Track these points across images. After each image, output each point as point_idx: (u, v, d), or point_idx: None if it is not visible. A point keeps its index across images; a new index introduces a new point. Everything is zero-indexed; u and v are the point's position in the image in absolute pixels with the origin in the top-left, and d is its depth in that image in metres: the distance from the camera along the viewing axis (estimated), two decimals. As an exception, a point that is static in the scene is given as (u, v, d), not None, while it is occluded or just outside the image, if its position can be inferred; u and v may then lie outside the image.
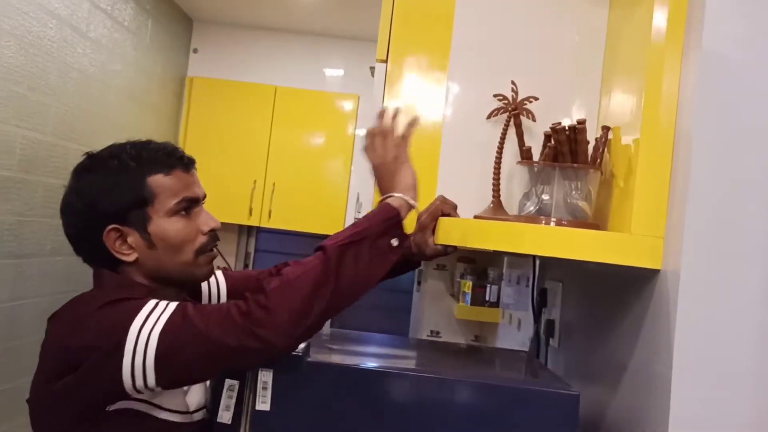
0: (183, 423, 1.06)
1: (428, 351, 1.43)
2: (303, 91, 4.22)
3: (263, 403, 1.05)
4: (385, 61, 1.50)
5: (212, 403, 1.08)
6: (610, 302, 1.32)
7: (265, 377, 1.05)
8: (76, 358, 0.97)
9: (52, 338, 1.04)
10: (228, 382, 1.06)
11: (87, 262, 1.12)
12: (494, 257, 3.22)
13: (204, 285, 1.30)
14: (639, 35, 1.20)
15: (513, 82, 1.34)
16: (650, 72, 1.11)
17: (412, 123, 1.22)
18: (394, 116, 1.22)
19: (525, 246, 1.15)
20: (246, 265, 4.57)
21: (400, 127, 1.21)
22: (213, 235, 1.14)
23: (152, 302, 1.00)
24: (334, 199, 4.15)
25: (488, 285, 3.14)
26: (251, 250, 4.60)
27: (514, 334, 2.48)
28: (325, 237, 1.46)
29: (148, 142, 1.14)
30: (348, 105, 4.24)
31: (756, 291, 0.98)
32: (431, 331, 3.74)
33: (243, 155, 4.17)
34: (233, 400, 1.06)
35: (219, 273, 1.35)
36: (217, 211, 3.92)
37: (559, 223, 1.17)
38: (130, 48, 3.38)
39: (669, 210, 1.08)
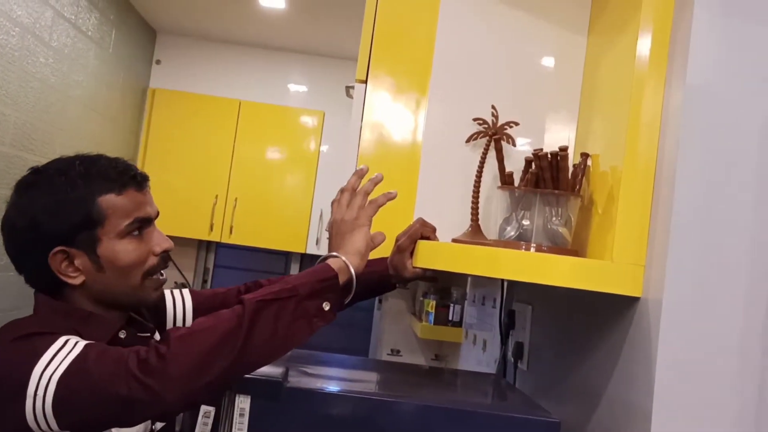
0: None
1: (404, 375, 1.42)
2: (267, 106, 4.19)
3: (240, 431, 1.02)
4: (365, 82, 1.50)
5: (189, 430, 1.04)
6: (585, 327, 1.33)
7: (243, 403, 1.03)
8: None
9: None
10: (204, 408, 1.03)
11: (28, 282, 1.05)
12: (457, 277, 3.23)
13: (169, 304, 1.25)
14: (621, 63, 1.22)
15: (493, 107, 1.35)
16: (633, 101, 1.13)
17: (388, 195, 1.16)
18: (375, 181, 1.17)
19: (504, 271, 1.15)
20: (204, 281, 4.49)
21: (375, 192, 1.17)
22: (165, 256, 1.08)
23: (61, 341, 0.94)
24: (296, 216, 4.12)
25: (451, 304, 3.15)
26: (210, 265, 4.52)
27: (477, 354, 2.48)
28: (287, 254, 1.44)
29: (99, 158, 1.08)
30: (312, 121, 4.23)
31: (739, 321, 1.00)
32: (391, 350, 3.73)
33: (205, 169, 4.11)
34: (209, 427, 1.03)
35: (185, 291, 1.30)
36: (177, 225, 3.87)
37: (539, 249, 1.18)
38: (92, 58, 3.30)
39: (650, 238, 1.09)
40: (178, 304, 1.27)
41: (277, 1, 3.42)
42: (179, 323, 1.26)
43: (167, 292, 1.27)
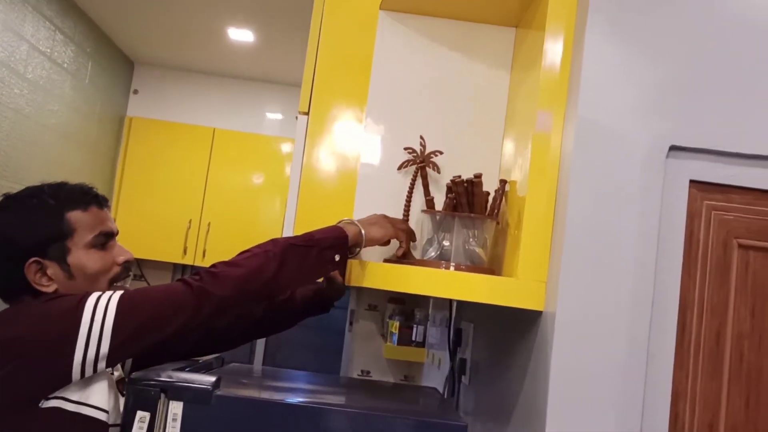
0: (105, 423, 1.12)
1: (336, 386, 1.51)
2: (241, 134, 4.31)
3: (173, 434, 1.11)
4: (307, 113, 1.61)
5: (123, 434, 1.13)
6: (506, 342, 1.43)
7: (175, 409, 1.12)
8: (15, 349, 1.04)
9: None
10: (139, 413, 1.11)
11: (3, 297, 1.18)
12: (422, 299, 3.33)
13: None
14: (529, 98, 1.33)
15: (421, 137, 1.46)
16: (537, 133, 1.24)
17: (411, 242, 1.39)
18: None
19: (423, 288, 1.26)
20: (180, 305, 4.55)
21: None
22: (126, 266, 1.24)
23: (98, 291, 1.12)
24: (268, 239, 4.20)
25: (415, 326, 3.24)
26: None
27: (437, 373, 2.57)
28: None
29: (64, 183, 1.24)
30: (285, 148, 4.34)
31: (622, 334, 1.09)
32: (362, 371, 3.80)
33: (179, 195, 4.21)
34: (144, 431, 1.11)
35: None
36: (152, 248, 3.97)
37: (457, 268, 1.28)
38: (68, 89, 3.42)
39: (551, 257, 1.20)
40: None
41: (245, 35, 3.55)
42: None
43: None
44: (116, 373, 1.26)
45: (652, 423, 1.09)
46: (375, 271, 1.34)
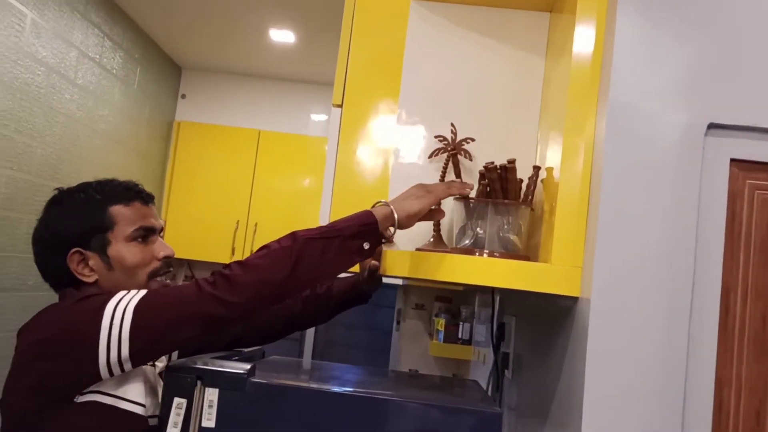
0: (142, 417, 1.14)
1: (373, 377, 1.51)
2: (286, 135, 4.35)
3: (209, 421, 1.13)
4: (341, 106, 1.61)
5: (162, 421, 1.15)
6: (546, 333, 1.41)
7: (211, 395, 1.13)
8: (49, 347, 1.08)
9: (23, 341, 1.13)
10: (176, 400, 1.13)
11: (53, 287, 1.23)
12: (468, 296, 3.30)
13: None
14: (562, 83, 1.31)
15: (452, 125, 1.45)
16: (569, 118, 1.22)
17: (462, 188, 1.32)
18: (461, 189, 1.33)
19: (457, 275, 1.24)
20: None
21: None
22: (166, 261, 1.26)
23: (122, 292, 1.12)
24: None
25: (461, 323, 3.22)
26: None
27: (483, 370, 2.55)
28: None
29: (112, 180, 1.28)
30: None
31: (662, 318, 1.06)
32: (409, 370, 3.79)
33: (227, 196, 4.28)
34: (181, 418, 1.13)
35: None
36: (201, 249, 4.04)
37: (491, 255, 1.26)
38: (117, 94, 3.51)
39: (586, 242, 1.17)
40: None
41: (286, 35, 3.59)
42: None
43: None
44: (160, 365, 1.29)
45: (696, 411, 1.05)
46: (408, 260, 1.33)
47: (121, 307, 1.08)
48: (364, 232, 1.19)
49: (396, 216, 1.22)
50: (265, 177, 4.31)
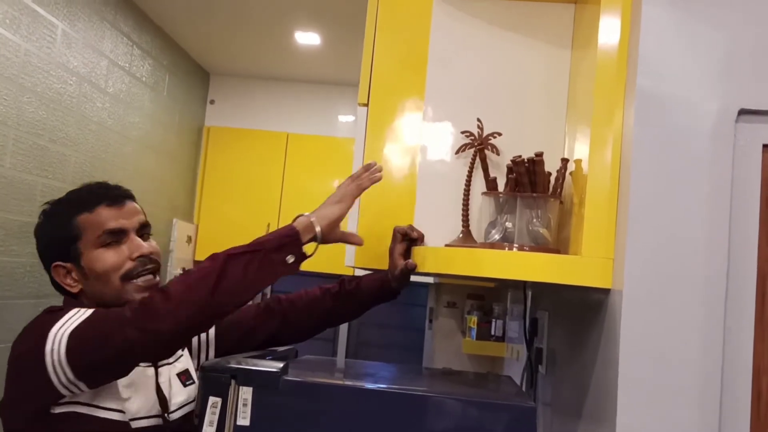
0: (121, 422, 1.16)
1: (407, 374, 1.51)
2: (314, 137, 4.38)
3: (243, 419, 1.14)
4: (366, 105, 1.62)
5: (198, 419, 1.17)
6: (578, 327, 1.40)
7: (245, 394, 1.14)
8: (19, 364, 1.12)
9: (10, 355, 1.16)
10: (211, 399, 1.14)
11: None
12: (501, 293, 3.29)
13: None
14: (589, 73, 1.30)
15: (478, 119, 1.44)
16: (597, 108, 1.21)
17: (372, 177, 1.34)
18: (371, 173, 1.34)
19: (486, 270, 1.24)
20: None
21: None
22: (144, 260, 1.24)
23: (77, 309, 1.13)
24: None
25: (493, 320, 3.20)
26: (267, 291, 4.70)
27: (517, 366, 2.53)
28: (334, 277, 1.59)
29: (83, 186, 1.29)
30: (358, 149, 4.37)
31: (696, 308, 1.04)
32: (443, 368, 3.79)
33: (257, 199, 4.32)
34: (216, 416, 1.14)
35: None
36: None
37: (520, 249, 1.26)
38: (147, 101, 3.56)
39: (617, 233, 1.16)
40: None
41: (312, 38, 3.60)
42: (202, 336, 1.42)
43: None
44: (179, 365, 1.30)
45: (733, 402, 1.04)
46: (438, 256, 1.33)
47: (60, 333, 1.08)
48: (286, 245, 1.18)
49: (317, 226, 1.23)
50: (295, 179, 4.34)
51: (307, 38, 3.61)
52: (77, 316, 1.11)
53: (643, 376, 1.05)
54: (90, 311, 1.13)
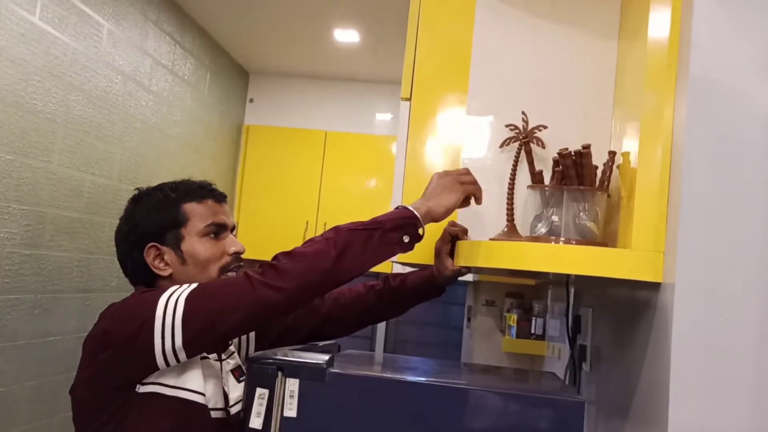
0: (202, 405, 1.18)
1: (452, 368, 1.51)
2: (352, 135, 4.39)
3: (290, 410, 1.15)
4: (409, 99, 1.61)
5: (244, 411, 1.18)
6: (625, 323, 1.37)
7: (292, 386, 1.15)
8: (111, 338, 1.13)
9: (94, 328, 1.18)
10: (259, 390, 1.16)
11: (131, 282, 1.29)
12: (541, 291, 3.25)
13: None
14: (638, 64, 1.28)
15: (523, 113, 1.43)
16: (646, 99, 1.19)
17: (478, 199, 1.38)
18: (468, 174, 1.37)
19: (532, 263, 1.22)
20: (301, 304, 4.71)
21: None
22: (236, 257, 1.30)
23: (176, 286, 1.16)
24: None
25: (533, 318, 3.17)
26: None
27: (558, 365, 2.50)
28: (374, 276, 1.60)
29: (187, 180, 1.33)
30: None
31: (752, 303, 1.02)
32: (484, 365, 3.77)
33: (296, 197, 4.35)
34: (263, 408, 1.15)
35: None
36: (271, 250, 4.09)
37: (567, 242, 1.24)
38: (189, 100, 3.62)
39: (668, 226, 1.14)
40: None
41: (351, 35, 3.61)
42: None
43: None
44: (232, 362, 1.32)
45: (790, 400, 1.00)
46: (483, 250, 1.32)
47: (174, 297, 1.12)
48: (404, 225, 1.23)
49: (435, 211, 1.27)
50: (333, 177, 4.36)
51: (346, 36, 3.62)
52: (184, 287, 1.15)
53: (696, 372, 1.03)
54: (195, 284, 1.16)
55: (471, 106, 1.51)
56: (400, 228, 1.22)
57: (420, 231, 1.26)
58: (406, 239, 1.22)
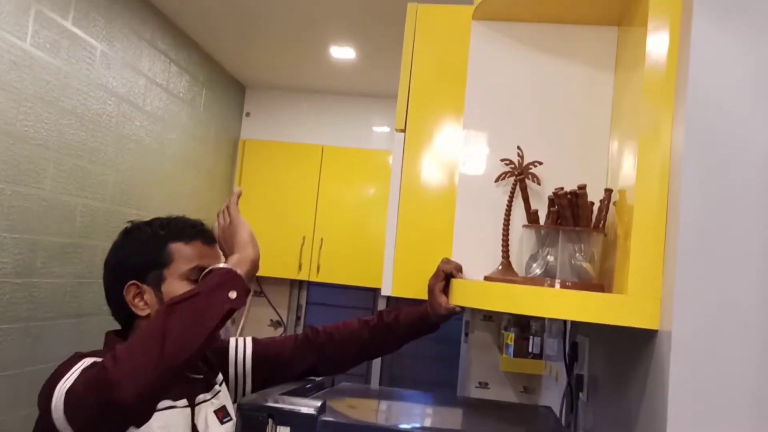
0: None
1: (447, 407, 1.48)
2: (349, 150, 4.37)
3: (281, 459, 1.13)
4: (404, 131, 1.60)
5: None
6: (622, 358, 1.35)
7: (283, 434, 1.13)
8: (39, 400, 1.08)
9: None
10: (249, 439, 1.13)
11: (112, 314, 1.26)
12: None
13: (232, 350, 1.42)
14: (635, 99, 1.25)
15: (519, 147, 1.41)
16: (643, 135, 1.16)
17: (236, 192, 1.31)
18: (236, 194, 1.32)
19: (527, 308, 1.20)
20: (298, 317, 4.69)
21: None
22: None
23: (85, 360, 1.09)
24: (380, 254, 4.23)
25: (531, 337, 3.15)
26: (303, 302, 4.72)
27: (555, 386, 2.48)
28: (372, 290, 1.58)
29: (180, 217, 1.30)
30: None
31: (751, 352, 1.00)
32: (479, 383, 3.74)
33: (293, 212, 4.33)
34: (253, 457, 1.13)
35: (248, 339, 1.46)
36: (268, 265, 4.08)
37: (563, 285, 1.22)
38: (184, 117, 3.60)
39: (665, 271, 1.12)
40: (239, 350, 1.45)
41: (347, 52, 3.60)
42: (239, 368, 1.42)
43: (232, 340, 1.44)
44: (216, 402, 1.29)
45: (790, 450, 0.98)
46: (477, 290, 1.30)
47: (60, 392, 1.04)
48: (224, 283, 1.12)
49: (244, 266, 1.17)
50: (330, 192, 4.34)
51: (343, 53, 3.61)
52: (80, 368, 1.07)
53: (693, 422, 1.01)
54: (88, 362, 1.08)
55: (466, 138, 1.49)
56: (221, 286, 1.11)
57: (248, 284, 1.17)
58: (233, 295, 1.11)
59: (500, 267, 1.39)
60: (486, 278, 1.37)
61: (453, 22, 1.57)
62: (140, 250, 1.24)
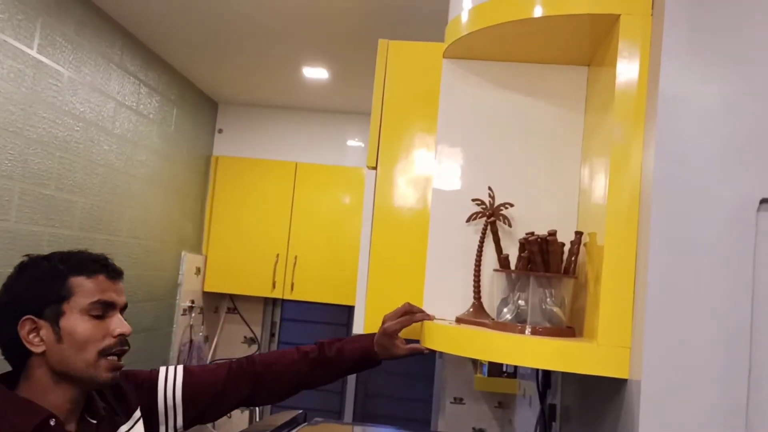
0: None
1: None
2: (322, 167, 4.36)
3: None
4: (375, 168, 1.59)
5: None
6: (593, 393, 1.36)
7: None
8: None
9: None
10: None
11: (4, 355, 1.20)
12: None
13: (161, 382, 1.37)
14: (604, 142, 1.26)
15: (490, 188, 1.41)
16: (612, 181, 1.17)
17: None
18: None
19: (498, 356, 1.20)
20: (272, 335, 4.66)
21: None
22: (122, 340, 1.20)
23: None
24: (354, 271, 4.21)
25: (506, 357, 3.16)
26: (277, 319, 4.69)
27: (528, 409, 2.49)
28: (347, 306, 1.57)
29: (83, 251, 1.24)
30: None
31: (718, 405, 1.01)
32: (454, 398, 3.75)
33: (266, 230, 4.29)
34: None
35: (179, 368, 1.42)
36: (242, 284, 4.05)
37: (534, 331, 1.22)
38: (155, 137, 3.55)
39: (634, 320, 1.12)
40: (170, 381, 1.39)
41: (320, 73, 3.58)
42: (169, 400, 1.38)
43: (162, 369, 1.41)
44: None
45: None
46: (450, 336, 1.30)
47: None
48: None
49: None
50: (304, 209, 4.32)
51: (315, 73, 3.59)
52: None
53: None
54: None
55: (439, 176, 1.49)
56: None
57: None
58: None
59: (471, 309, 1.39)
60: (457, 319, 1.37)
61: (424, 59, 1.57)
62: (37, 284, 1.17)
